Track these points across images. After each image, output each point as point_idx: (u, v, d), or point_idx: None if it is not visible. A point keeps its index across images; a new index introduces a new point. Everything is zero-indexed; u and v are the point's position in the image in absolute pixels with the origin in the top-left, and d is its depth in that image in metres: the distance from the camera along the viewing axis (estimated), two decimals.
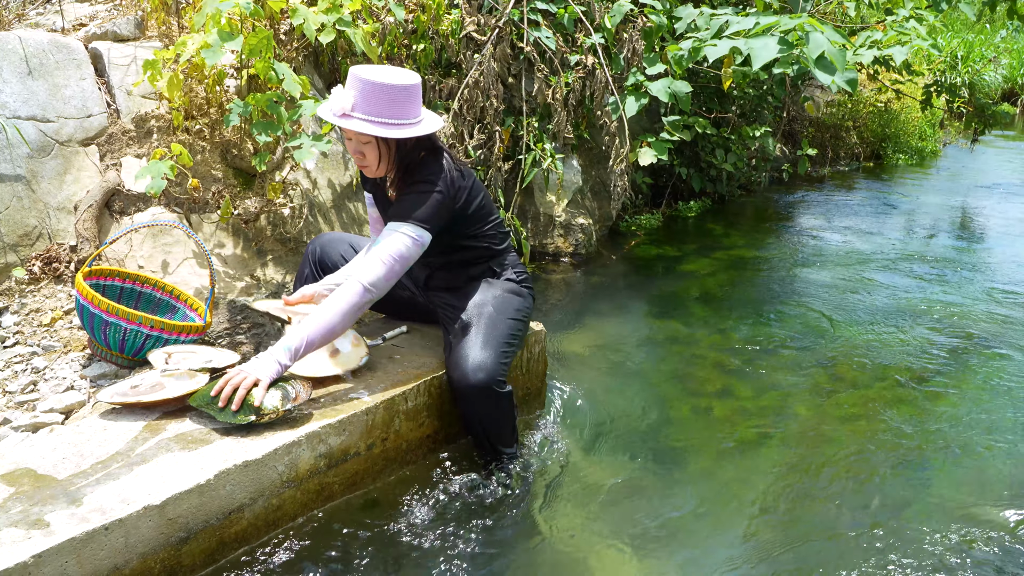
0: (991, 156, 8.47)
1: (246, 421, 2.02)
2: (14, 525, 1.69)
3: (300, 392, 2.11)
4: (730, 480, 2.52)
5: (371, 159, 2.27)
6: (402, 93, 2.18)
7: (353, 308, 2.17)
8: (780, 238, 5.28)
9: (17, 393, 2.61)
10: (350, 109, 2.18)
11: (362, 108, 2.17)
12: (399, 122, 2.20)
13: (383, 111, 2.17)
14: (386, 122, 2.18)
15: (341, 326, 2.17)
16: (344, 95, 2.17)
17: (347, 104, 2.17)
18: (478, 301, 2.45)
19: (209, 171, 3.37)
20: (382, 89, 2.16)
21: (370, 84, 2.15)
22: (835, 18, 5.52)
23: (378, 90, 2.15)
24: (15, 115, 3.19)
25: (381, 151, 2.26)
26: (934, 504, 2.40)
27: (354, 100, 2.17)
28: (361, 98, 2.16)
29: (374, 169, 2.30)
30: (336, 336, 2.19)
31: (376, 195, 2.53)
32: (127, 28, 3.67)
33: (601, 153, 5.02)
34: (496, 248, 2.54)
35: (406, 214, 2.24)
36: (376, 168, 2.30)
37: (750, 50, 3.19)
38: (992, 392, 3.11)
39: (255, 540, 2.03)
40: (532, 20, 4.41)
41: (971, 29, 11.55)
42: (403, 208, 2.26)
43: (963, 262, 4.76)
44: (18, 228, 3.13)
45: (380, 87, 2.15)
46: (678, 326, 3.74)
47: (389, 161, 2.29)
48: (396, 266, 2.21)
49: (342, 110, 2.18)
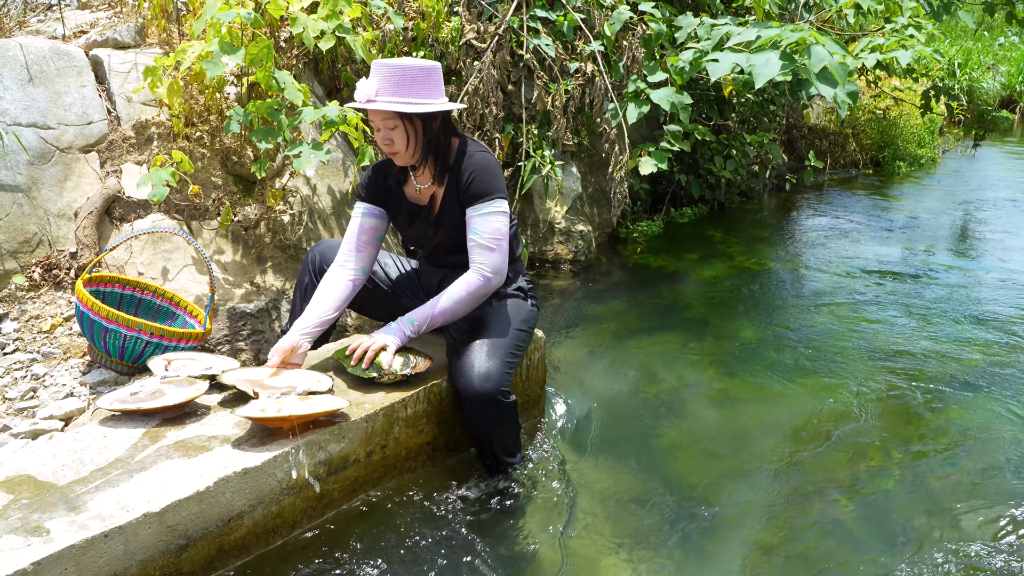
0: (991, 162, 8.48)
1: (368, 376, 2.30)
2: (13, 532, 1.69)
3: (419, 363, 2.37)
4: (731, 487, 2.52)
5: (400, 143, 2.31)
6: (421, 73, 2.25)
7: (472, 296, 2.34)
8: (779, 245, 5.29)
9: (17, 400, 2.61)
10: (374, 94, 2.25)
11: (384, 91, 2.25)
12: (420, 100, 2.26)
13: (404, 91, 2.24)
14: (408, 101, 2.24)
15: (463, 311, 2.36)
16: (368, 84, 2.26)
17: (371, 90, 2.24)
18: (486, 309, 2.46)
19: (209, 178, 3.37)
20: (402, 71, 2.24)
21: (389, 67, 2.24)
22: (834, 26, 5.54)
23: (398, 72, 2.23)
24: (16, 122, 3.19)
25: (408, 133, 2.30)
26: (939, 509, 2.40)
27: (377, 86, 2.25)
28: (383, 83, 2.24)
29: (404, 155, 2.34)
30: (456, 319, 2.38)
31: (388, 202, 2.50)
32: (127, 35, 3.68)
33: (600, 160, 5.03)
34: (513, 254, 2.56)
35: (481, 193, 2.34)
36: (406, 153, 2.33)
37: (751, 67, 3.20)
38: (997, 399, 3.11)
39: (255, 547, 2.03)
40: (531, 27, 4.42)
41: (969, 36, 11.59)
42: (476, 188, 2.34)
43: (963, 270, 4.76)
44: (18, 235, 3.13)
45: (400, 68, 2.24)
46: (677, 333, 3.74)
47: (417, 144, 2.33)
48: (503, 243, 2.35)
49: (367, 96, 2.25)
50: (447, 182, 2.39)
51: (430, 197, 2.45)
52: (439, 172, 2.39)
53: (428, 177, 2.43)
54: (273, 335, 3.13)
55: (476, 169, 2.34)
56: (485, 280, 2.33)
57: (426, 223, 2.47)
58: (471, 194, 2.34)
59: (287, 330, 2.72)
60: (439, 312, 2.32)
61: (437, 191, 2.43)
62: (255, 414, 2.04)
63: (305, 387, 2.24)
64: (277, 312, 3.19)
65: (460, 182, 2.36)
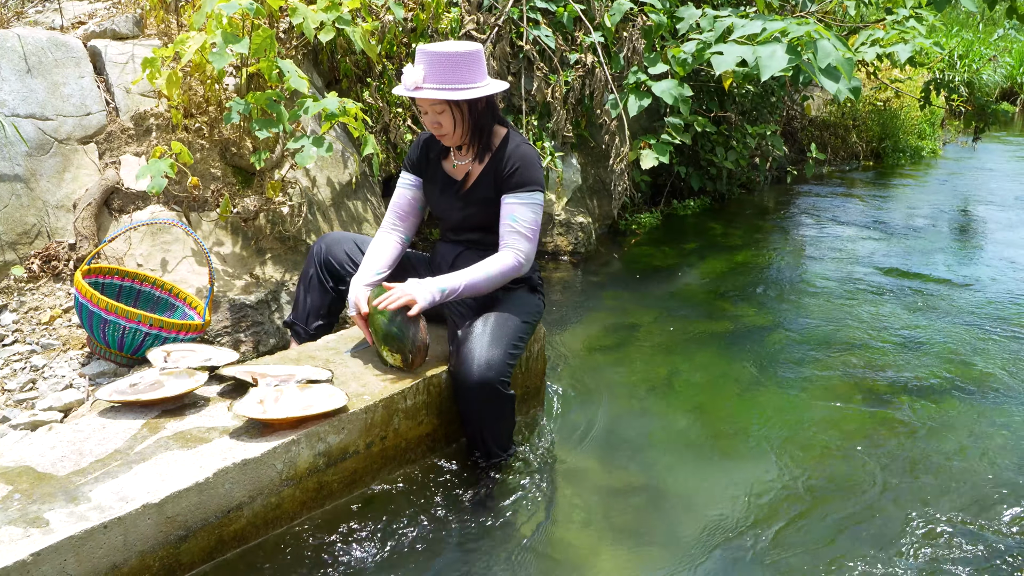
0: (991, 155, 8.47)
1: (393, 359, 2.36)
2: (13, 523, 1.69)
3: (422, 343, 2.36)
4: (730, 480, 2.52)
5: (447, 127, 2.40)
6: (464, 59, 2.32)
7: (503, 276, 2.40)
8: (780, 238, 5.28)
9: (16, 391, 2.61)
10: (421, 82, 2.32)
11: (431, 79, 2.31)
12: (466, 86, 2.33)
13: (449, 77, 2.31)
14: (455, 87, 2.31)
15: (487, 289, 2.41)
16: (415, 71, 2.32)
17: (418, 78, 2.31)
18: (493, 296, 2.48)
19: (208, 169, 3.36)
20: (446, 57, 2.29)
21: (434, 55, 2.30)
22: (835, 17, 5.52)
23: (442, 59, 2.29)
24: (14, 113, 3.18)
25: (456, 117, 2.38)
26: (941, 509, 2.40)
27: (424, 73, 2.31)
28: (429, 70, 2.31)
29: (452, 136, 2.43)
30: (479, 294, 2.42)
31: (427, 173, 2.60)
32: (126, 26, 3.67)
33: (601, 152, 5.02)
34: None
35: (523, 183, 2.42)
36: (454, 135, 2.42)
37: (757, 59, 3.18)
38: (999, 394, 3.11)
39: (254, 539, 2.03)
40: (531, 18, 4.40)
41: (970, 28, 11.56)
42: (519, 177, 2.42)
43: (964, 263, 4.76)
44: (17, 226, 3.13)
45: (444, 56, 2.29)
46: (677, 325, 3.74)
47: (464, 126, 2.41)
48: (537, 234, 2.45)
49: (414, 84, 2.32)
50: (486, 163, 2.48)
51: (465, 174, 2.53)
52: (480, 152, 2.48)
53: (469, 156, 2.51)
54: (272, 326, 3.13)
55: (522, 159, 2.43)
56: (518, 264, 2.41)
57: (455, 197, 2.55)
58: (514, 182, 2.42)
59: (289, 322, 2.74)
60: (470, 283, 2.36)
61: (473, 169, 2.51)
62: (254, 413, 2.04)
63: (304, 375, 2.25)
64: (277, 303, 3.18)
65: (502, 168, 2.43)
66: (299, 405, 2.11)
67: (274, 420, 2.05)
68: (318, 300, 2.70)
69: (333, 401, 2.14)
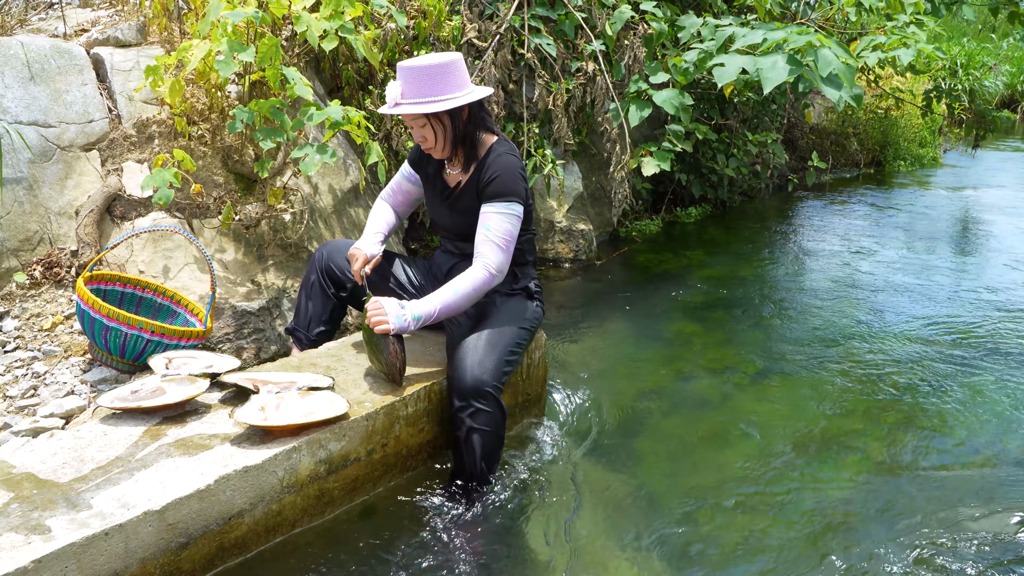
0: (992, 162, 8.48)
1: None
2: (14, 530, 1.69)
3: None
4: (732, 486, 2.52)
5: (431, 140, 2.41)
6: (440, 71, 2.31)
7: (476, 291, 2.36)
8: (781, 245, 5.28)
9: (18, 398, 2.61)
10: (400, 98, 2.33)
11: (409, 94, 2.32)
12: (442, 97, 2.32)
13: (426, 91, 2.31)
14: (432, 100, 2.31)
15: (465, 306, 2.38)
16: (394, 88, 2.33)
17: (397, 94, 2.33)
18: (491, 306, 2.48)
19: (210, 176, 3.37)
20: (421, 71, 2.30)
21: (410, 70, 2.31)
22: (836, 24, 5.53)
23: (418, 73, 2.30)
24: (17, 120, 3.19)
25: (437, 130, 2.39)
26: (942, 509, 2.40)
27: (401, 89, 2.33)
28: (406, 86, 2.32)
29: (440, 150, 2.44)
30: (457, 313, 2.39)
31: (426, 175, 2.63)
32: (129, 34, 3.68)
33: (602, 159, 5.02)
34: (526, 257, 2.59)
35: (500, 193, 2.38)
36: (442, 148, 2.43)
37: (759, 71, 3.19)
38: (998, 400, 3.11)
39: (255, 546, 2.03)
40: (533, 27, 4.42)
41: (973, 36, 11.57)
42: (496, 187, 2.39)
43: (965, 270, 4.76)
44: (19, 233, 3.13)
45: (419, 70, 2.30)
46: (679, 332, 3.74)
47: (447, 137, 2.41)
48: (511, 245, 2.40)
49: (394, 100, 2.33)
50: (471, 172, 2.48)
51: (456, 182, 2.54)
52: (466, 161, 2.48)
53: (459, 166, 2.51)
54: (274, 333, 3.13)
55: (500, 169, 2.40)
56: (489, 276, 2.36)
57: (444, 203, 2.57)
58: (491, 191, 2.39)
59: (291, 328, 2.74)
60: (445, 305, 2.33)
61: (462, 178, 2.52)
62: (255, 420, 2.04)
63: (305, 382, 2.25)
64: (279, 310, 3.19)
65: (482, 176, 2.42)
66: (300, 412, 2.11)
67: (275, 427, 2.05)
68: (320, 307, 2.70)
69: (334, 408, 2.14)
